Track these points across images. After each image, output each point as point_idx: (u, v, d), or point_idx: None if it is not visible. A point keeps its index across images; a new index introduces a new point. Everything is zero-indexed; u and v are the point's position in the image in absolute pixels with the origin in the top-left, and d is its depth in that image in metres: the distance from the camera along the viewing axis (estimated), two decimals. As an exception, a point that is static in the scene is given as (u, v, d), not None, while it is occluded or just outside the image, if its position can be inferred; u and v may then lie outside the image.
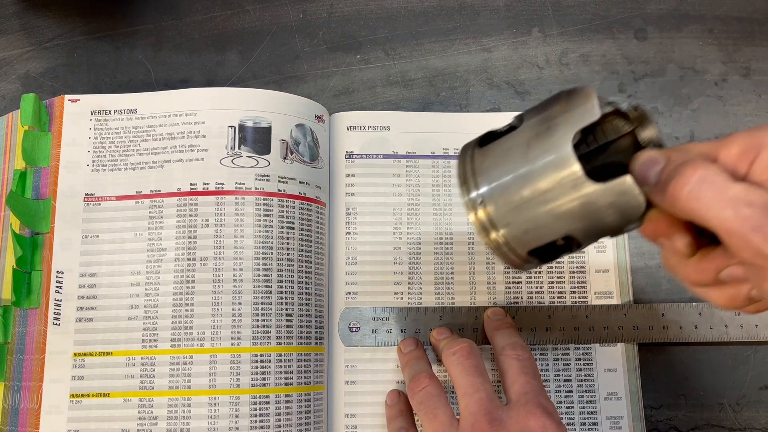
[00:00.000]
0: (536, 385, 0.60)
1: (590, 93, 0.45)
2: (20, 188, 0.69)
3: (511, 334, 0.66)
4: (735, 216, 0.38)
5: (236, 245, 0.67)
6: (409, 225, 0.72)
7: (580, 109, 0.44)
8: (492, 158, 0.48)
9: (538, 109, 0.47)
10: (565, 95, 0.46)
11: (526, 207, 0.46)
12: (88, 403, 0.65)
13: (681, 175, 0.40)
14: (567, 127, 0.44)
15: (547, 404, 0.58)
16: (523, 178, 0.45)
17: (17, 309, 0.68)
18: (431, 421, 0.60)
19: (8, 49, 0.79)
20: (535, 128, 0.46)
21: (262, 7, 0.81)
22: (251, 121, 0.69)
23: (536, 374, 0.62)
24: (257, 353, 0.65)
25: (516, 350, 0.63)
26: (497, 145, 0.48)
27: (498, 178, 0.47)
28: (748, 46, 0.79)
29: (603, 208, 0.44)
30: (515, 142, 0.47)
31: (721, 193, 0.39)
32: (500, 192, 0.46)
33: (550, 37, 0.80)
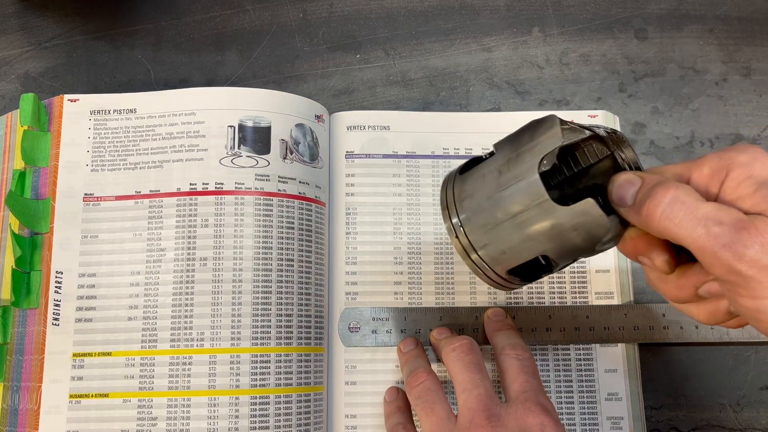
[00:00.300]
0: (535, 384, 0.60)
1: (554, 122, 0.48)
2: (19, 188, 0.69)
3: (511, 335, 0.66)
4: (706, 234, 0.41)
5: (236, 245, 0.67)
6: (409, 225, 0.72)
7: (545, 136, 0.48)
8: (469, 184, 0.52)
9: (510, 138, 0.51)
10: (534, 124, 0.50)
11: (500, 229, 0.49)
12: (87, 404, 0.65)
13: (654, 196, 0.43)
14: (533, 154, 0.48)
15: (545, 402, 0.58)
16: (496, 201, 0.49)
17: (16, 309, 0.68)
18: (428, 416, 0.60)
19: (8, 48, 0.79)
20: (507, 155, 0.50)
21: (262, 6, 0.81)
22: (251, 120, 0.69)
23: (536, 373, 0.61)
24: (257, 354, 0.65)
25: (516, 350, 0.63)
26: (474, 172, 0.52)
27: (474, 203, 0.51)
28: (749, 46, 0.79)
29: (570, 229, 0.47)
30: (489, 169, 0.50)
31: (692, 213, 0.41)
32: (476, 215, 0.50)
33: (551, 37, 0.80)
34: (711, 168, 0.44)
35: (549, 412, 0.57)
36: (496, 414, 0.57)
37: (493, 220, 0.49)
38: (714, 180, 0.44)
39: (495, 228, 0.49)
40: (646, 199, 0.44)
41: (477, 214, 0.50)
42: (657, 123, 0.77)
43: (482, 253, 0.51)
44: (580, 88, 0.78)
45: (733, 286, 0.41)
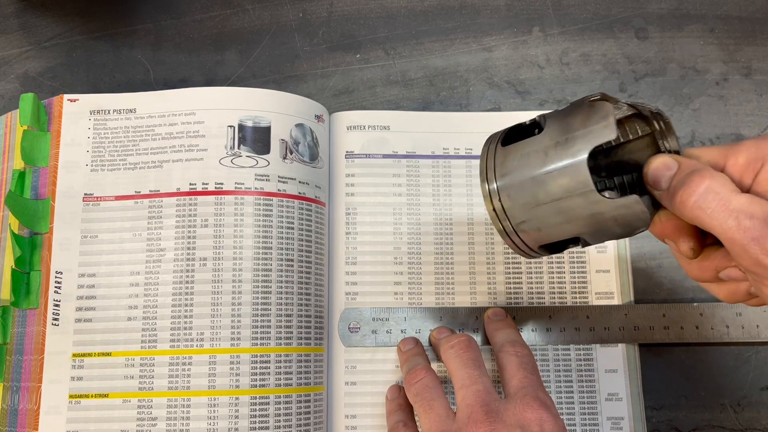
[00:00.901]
0: (534, 380, 0.60)
1: (609, 112, 0.46)
2: (19, 188, 0.69)
3: (510, 333, 0.66)
4: (737, 227, 0.41)
5: (236, 245, 0.67)
6: (410, 225, 0.72)
7: (598, 127, 0.46)
8: (512, 159, 0.50)
9: (560, 116, 0.50)
10: (587, 108, 0.48)
11: (539, 209, 0.49)
12: (87, 404, 0.65)
13: (689, 185, 0.44)
14: (584, 143, 0.46)
15: (544, 398, 0.58)
16: (540, 183, 0.48)
17: (16, 309, 0.68)
18: (427, 413, 0.60)
19: (7, 48, 0.79)
20: (555, 137, 0.48)
21: (262, 6, 0.81)
22: (251, 120, 0.69)
23: (535, 370, 0.61)
24: (257, 354, 0.65)
25: (515, 347, 0.63)
26: (518, 148, 0.50)
27: (516, 179, 0.49)
28: (750, 46, 0.79)
29: (610, 220, 0.47)
30: (535, 148, 0.49)
31: (725, 204, 0.42)
32: (517, 191, 0.49)
33: (551, 37, 0.80)
34: (747, 157, 0.45)
35: (547, 407, 0.57)
36: (495, 409, 0.57)
37: (534, 200, 0.49)
38: (749, 170, 0.45)
39: (535, 208, 0.49)
40: (681, 186, 0.44)
41: (517, 190, 0.50)
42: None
43: (518, 225, 0.51)
44: (580, 87, 0.78)
45: (759, 277, 0.42)
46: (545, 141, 0.49)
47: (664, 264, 0.73)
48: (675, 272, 0.73)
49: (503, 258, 0.72)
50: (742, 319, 0.70)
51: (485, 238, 0.72)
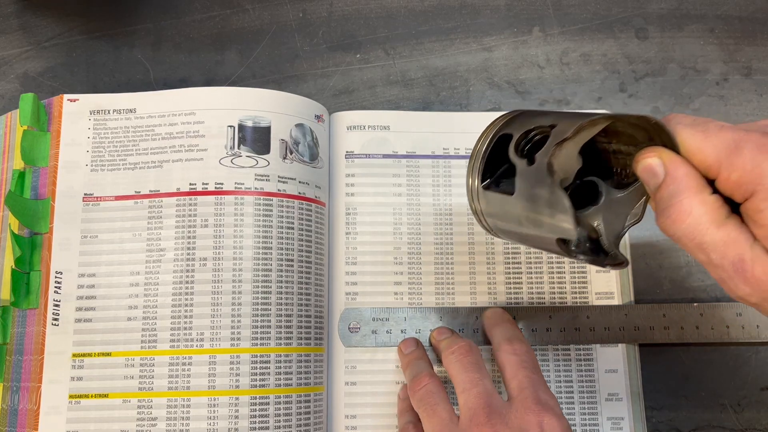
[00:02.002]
0: (535, 380, 0.59)
1: (567, 209, 0.46)
2: (19, 188, 0.69)
3: (507, 329, 0.66)
4: (708, 262, 0.44)
5: (236, 245, 0.67)
6: (409, 225, 0.72)
7: (559, 221, 0.47)
8: (493, 206, 0.53)
9: (528, 180, 0.49)
10: (548, 183, 0.47)
11: (519, 239, 0.53)
12: (87, 404, 0.65)
13: (668, 218, 0.45)
14: (550, 231, 0.48)
15: (546, 398, 0.58)
16: (520, 235, 0.52)
17: (16, 309, 0.68)
18: (430, 418, 0.60)
19: (7, 48, 0.79)
20: (526, 210, 0.49)
21: (262, 6, 0.81)
22: (250, 120, 0.69)
23: (535, 368, 0.61)
24: (257, 354, 0.65)
25: (513, 344, 0.63)
26: (497, 200, 0.52)
27: (500, 221, 0.53)
28: (750, 46, 0.79)
29: (586, 262, 0.51)
30: (510, 209, 0.51)
31: (700, 243, 0.44)
32: (503, 225, 0.53)
33: (551, 37, 0.80)
34: (739, 178, 0.43)
35: (549, 408, 0.57)
36: (497, 411, 0.56)
37: (518, 237, 0.53)
38: (740, 191, 0.43)
39: (517, 238, 0.53)
40: (663, 209, 0.45)
41: (503, 226, 0.53)
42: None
43: (503, 236, 0.56)
44: (580, 87, 0.78)
45: None
46: (518, 208, 0.50)
47: (664, 264, 0.73)
48: (675, 272, 0.73)
49: (503, 258, 0.72)
50: (742, 320, 0.70)
51: (485, 238, 0.72)
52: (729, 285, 0.43)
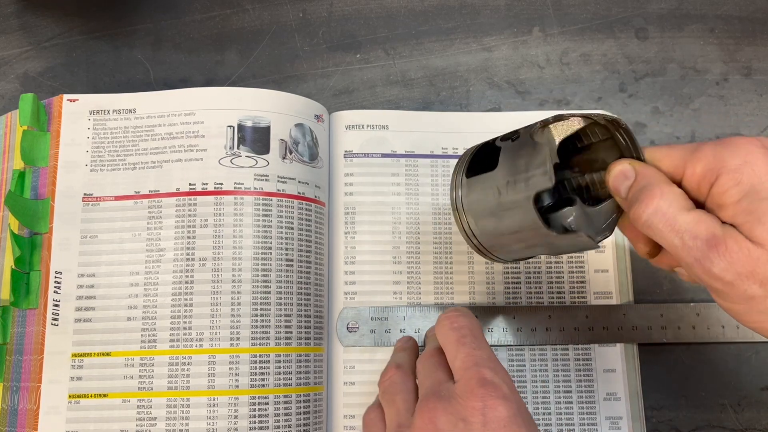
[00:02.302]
0: (479, 356, 0.53)
1: (547, 158, 0.50)
2: (19, 188, 0.69)
3: (451, 309, 0.59)
4: (681, 246, 0.45)
5: (235, 245, 0.67)
6: (408, 225, 0.72)
7: (538, 173, 0.50)
8: (474, 192, 0.55)
9: (512, 149, 0.53)
10: (530, 146, 0.51)
11: (501, 237, 0.55)
12: (86, 404, 0.65)
13: (640, 204, 0.47)
14: (527, 188, 0.50)
15: (491, 376, 0.51)
16: (498, 217, 0.53)
17: (16, 309, 0.68)
18: (388, 408, 0.58)
19: (7, 48, 0.79)
20: (506, 176, 0.52)
21: (262, 6, 0.81)
22: (250, 120, 0.69)
23: (479, 342, 0.55)
24: (256, 354, 0.65)
25: (450, 318, 0.57)
26: (478, 182, 0.55)
27: (479, 211, 0.55)
28: (750, 46, 0.79)
29: (565, 246, 0.52)
30: (490, 185, 0.54)
31: (671, 224, 0.46)
32: (481, 221, 0.55)
33: (551, 37, 0.80)
34: (704, 167, 0.47)
35: (494, 388, 0.50)
36: (443, 397, 0.51)
37: (496, 230, 0.54)
38: (705, 181, 0.47)
39: (498, 236, 0.55)
40: (634, 201, 0.48)
41: (482, 222, 0.55)
42: (657, 123, 0.77)
43: (489, 248, 0.57)
44: (580, 87, 0.78)
45: (707, 287, 0.46)
46: (498, 179, 0.53)
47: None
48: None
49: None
50: (740, 320, 0.70)
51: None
52: (703, 265, 0.44)
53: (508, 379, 0.52)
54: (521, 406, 0.51)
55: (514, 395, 0.51)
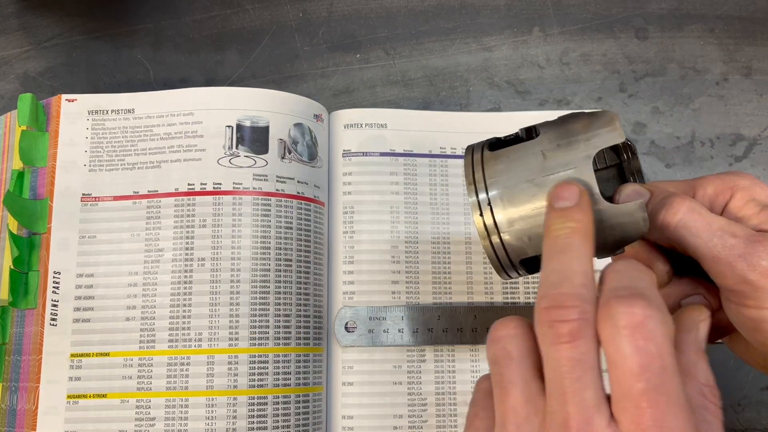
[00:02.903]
0: (672, 426, 0.34)
1: (614, 117, 0.46)
2: (18, 188, 0.69)
3: (632, 274, 0.39)
4: (722, 244, 0.43)
5: (234, 245, 0.67)
6: (407, 224, 0.72)
7: (605, 130, 0.45)
8: (504, 163, 0.47)
9: (556, 123, 0.48)
10: (586, 115, 0.47)
11: (534, 216, 0.46)
12: (85, 404, 0.65)
13: (671, 205, 0.44)
14: (590, 145, 0.45)
15: None
16: (537, 186, 0.46)
17: (14, 309, 0.68)
18: (500, 402, 0.39)
19: (7, 48, 0.79)
20: (554, 141, 0.46)
21: (262, 6, 0.81)
22: (249, 120, 0.69)
23: (670, 386, 0.34)
24: (255, 354, 0.65)
25: (632, 307, 0.35)
26: (510, 152, 0.48)
27: (510, 184, 0.47)
28: (750, 46, 0.79)
29: (609, 227, 0.45)
30: (530, 151, 0.47)
31: (709, 224, 0.43)
32: (511, 198, 0.47)
33: (551, 37, 0.80)
34: (715, 188, 0.47)
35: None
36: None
37: (529, 206, 0.46)
38: (719, 199, 0.46)
39: (529, 214, 0.46)
40: (661, 208, 0.45)
41: (510, 196, 0.47)
42: (657, 123, 0.77)
43: (505, 237, 0.47)
44: (580, 87, 0.78)
45: (740, 296, 0.43)
46: (544, 144, 0.46)
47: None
48: (675, 272, 0.73)
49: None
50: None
51: (482, 238, 0.72)
52: (749, 260, 0.42)
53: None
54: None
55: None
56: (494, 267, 0.50)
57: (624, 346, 0.35)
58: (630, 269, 0.39)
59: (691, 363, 0.40)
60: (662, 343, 0.34)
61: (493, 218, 0.47)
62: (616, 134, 0.45)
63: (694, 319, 0.43)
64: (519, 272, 0.50)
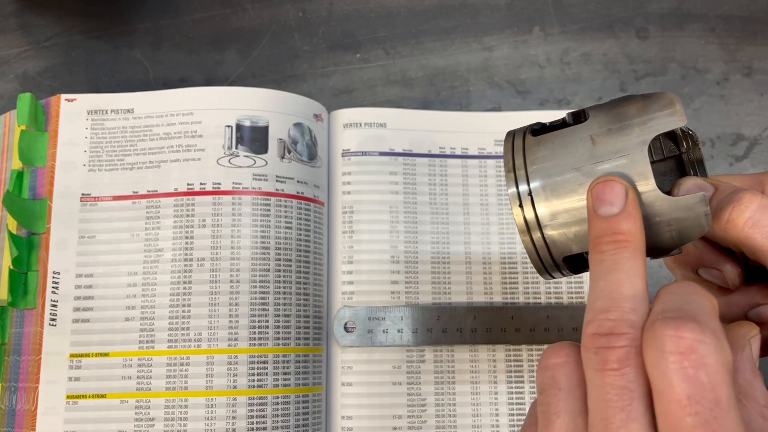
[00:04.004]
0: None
1: (674, 98, 0.41)
2: (17, 188, 0.69)
3: (687, 296, 0.36)
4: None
5: (233, 245, 0.67)
6: (406, 224, 0.72)
7: (663, 113, 0.41)
8: (549, 149, 0.43)
9: (608, 106, 0.43)
10: (641, 98, 0.42)
11: (580, 209, 0.42)
12: (84, 405, 0.65)
13: (740, 201, 0.39)
14: (646, 130, 0.41)
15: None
16: (585, 176, 0.42)
17: (14, 310, 0.68)
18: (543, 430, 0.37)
19: (6, 48, 0.79)
20: (605, 125, 0.42)
21: (262, 5, 0.81)
22: (248, 120, 0.69)
23: (725, 417, 0.31)
24: (254, 354, 0.65)
25: (680, 330, 0.32)
26: (555, 137, 0.43)
27: (554, 173, 0.43)
28: (750, 46, 0.79)
29: (665, 223, 0.41)
30: (578, 136, 0.42)
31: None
32: (554, 188, 0.42)
33: (552, 36, 0.80)
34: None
35: None
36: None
37: (576, 196, 0.42)
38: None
39: (575, 206, 0.42)
40: (728, 204, 0.40)
41: (554, 186, 0.42)
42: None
43: (547, 231, 0.43)
44: (581, 87, 0.78)
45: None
46: (593, 128, 0.42)
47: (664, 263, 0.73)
48: (675, 272, 0.73)
49: (499, 258, 0.71)
50: (742, 320, 0.70)
51: (481, 238, 0.72)
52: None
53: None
54: None
55: None
56: (535, 266, 0.45)
57: (671, 374, 0.32)
58: (686, 291, 0.36)
59: (748, 383, 0.37)
60: (716, 372, 0.31)
61: (534, 211, 0.43)
62: (676, 118, 0.40)
63: (744, 335, 0.39)
64: (563, 272, 0.45)
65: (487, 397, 0.69)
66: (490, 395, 0.69)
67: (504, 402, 0.69)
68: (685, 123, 0.40)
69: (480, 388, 0.69)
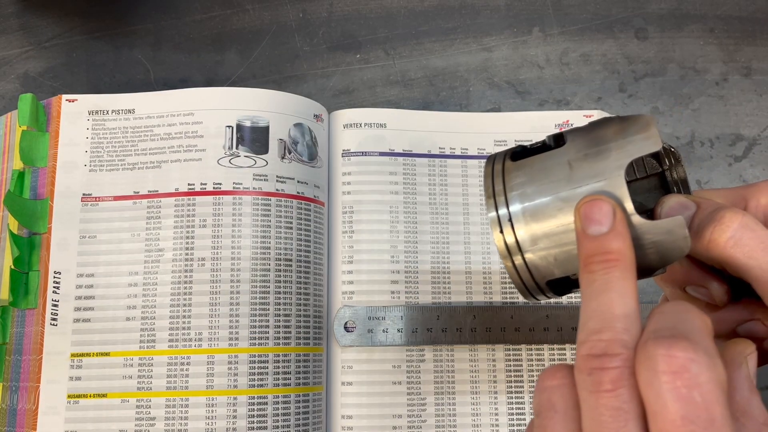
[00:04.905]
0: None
1: (651, 121, 0.40)
2: (18, 188, 0.69)
3: (680, 315, 0.36)
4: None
5: (234, 245, 0.67)
6: (406, 224, 0.72)
7: (639, 137, 0.40)
8: (527, 174, 0.43)
9: (584, 130, 0.42)
10: (618, 120, 0.42)
11: (560, 233, 0.41)
12: (85, 404, 0.65)
13: (720, 221, 0.39)
14: (622, 154, 0.40)
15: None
16: (563, 201, 0.41)
17: (15, 309, 0.68)
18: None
19: (7, 48, 0.79)
20: (582, 149, 0.41)
21: (262, 6, 0.81)
22: (249, 120, 0.69)
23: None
24: (255, 354, 0.65)
25: (672, 349, 0.32)
26: (534, 161, 0.43)
27: (533, 198, 0.42)
28: (749, 46, 0.79)
29: (645, 246, 0.40)
30: (556, 161, 0.42)
31: (763, 242, 0.38)
32: (534, 213, 0.42)
33: (551, 37, 0.80)
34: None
35: None
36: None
37: (555, 222, 0.41)
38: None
39: (554, 231, 0.41)
40: (709, 223, 0.39)
41: (533, 212, 0.42)
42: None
43: (529, 257, 0.42)
44: (580, 88, 0.78)
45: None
46: (570, 153, 0.42)
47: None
48: (674, 272, 0.73)
49: (499, 258, 0.71)
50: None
51: (481, 238, 0.72)
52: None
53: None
54: None
55: None
56: (519, 290, 0.44)
57: (664, 394, 0.31)
58: (678, 310, 0.36)
59: (745, 401, 0.36)
60: (709, 391, 0.31)
61: (515, 236, 0.42)
62: (651, 142, 0.40)
63: (740, 353, 0.38)
64: (547, 294, 0.45)
65: (487, 396, 0.69)
66: (489, 395, 0.69)
67: (503, 402, 0.69)
68: (660, 147, 0.39)
69: (479, 388, 0.69)
